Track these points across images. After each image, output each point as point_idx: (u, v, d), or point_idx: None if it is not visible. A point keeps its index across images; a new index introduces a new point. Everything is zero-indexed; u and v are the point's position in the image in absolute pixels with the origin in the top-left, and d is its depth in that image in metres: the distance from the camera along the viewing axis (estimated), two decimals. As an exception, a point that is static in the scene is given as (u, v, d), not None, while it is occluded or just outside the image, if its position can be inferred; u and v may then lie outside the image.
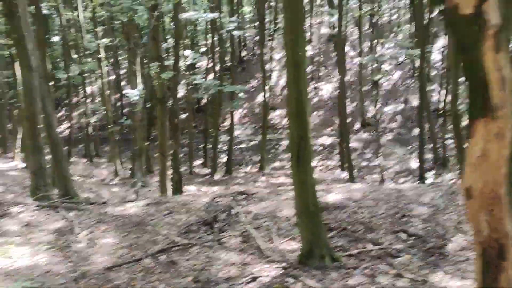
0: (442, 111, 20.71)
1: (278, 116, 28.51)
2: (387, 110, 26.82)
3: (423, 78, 15.31)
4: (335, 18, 20.68)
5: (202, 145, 23.49)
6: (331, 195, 6.41)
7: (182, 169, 19.91)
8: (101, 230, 5.51)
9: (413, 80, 28.54)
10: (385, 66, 29.12)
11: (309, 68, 30.43)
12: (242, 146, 25.41)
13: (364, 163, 21.67)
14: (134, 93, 8.58)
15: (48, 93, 7.78)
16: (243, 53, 32.99)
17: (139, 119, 8.52)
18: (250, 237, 5.24)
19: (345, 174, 18.84)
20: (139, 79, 13.48)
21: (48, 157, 7.21)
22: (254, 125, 28.77)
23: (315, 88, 29.26)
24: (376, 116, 18.15)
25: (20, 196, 9.85)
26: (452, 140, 20.70)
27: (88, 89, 29.08)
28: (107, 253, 4.84)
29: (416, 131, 25.53)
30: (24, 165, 13.88)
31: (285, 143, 25.96)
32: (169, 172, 18.36)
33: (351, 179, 15.03)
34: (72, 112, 30.92)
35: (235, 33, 14.52)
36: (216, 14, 15.72)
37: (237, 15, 21.36)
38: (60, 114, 28.06)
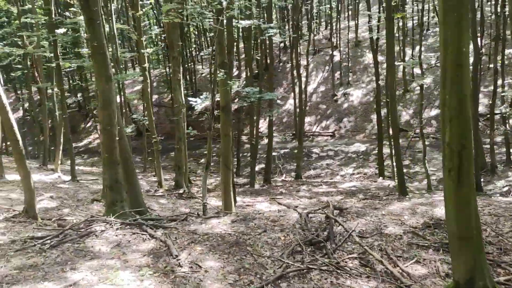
0: (487, 116, 19.80)
1: (307, 123, 27.97)
2: (422, 115, 25.98)
3: (477, 81, 14.58)
4: (374, 22, 20.11)
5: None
6: (438, 210, 5.78)
7: (218, 179, 19.52)
8: (197, 251, 5.00)
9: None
10: (417, 70, 28.38)
11: (337, 74, 29.88)
12: (273, 154, 24.87)
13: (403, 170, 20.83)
14: (198, 101, 8.15)
15: (117, 105, 7.40)
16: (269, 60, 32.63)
17: (209, 128, 8.03)
18: (370, 259, 4.67)
19: (387, 182, 18.10)
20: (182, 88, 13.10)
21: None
22: (283, 133, 28.27)
23: (344, 94, 28.66)
24: (420, 121, 17.36)
25: (76, 210, 9.50)
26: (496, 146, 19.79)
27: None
28: (217, 279, 4.32)
29: (454, 136, 24.66)
30: (68, 178, 13.61)
31: (316, 150, 25.35)
32: (210, 181, 17.85)
33: (402, 191, 14.14)
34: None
35: (275, 39, 14.10)
36: (255, 21, 15.38)
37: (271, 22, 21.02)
38: (89, 125, 28.10)
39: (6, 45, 16.77)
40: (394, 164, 18.70)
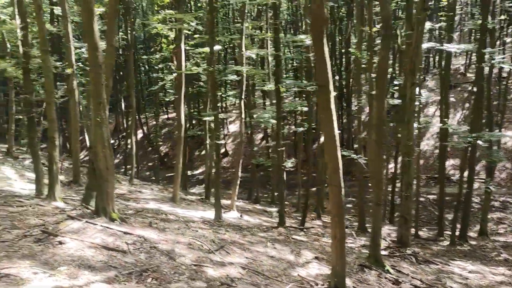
0: None
1: (451, 167, 24.08)
2: None
3: None
4: None
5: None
6: None
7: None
8: None
9: None
10: None
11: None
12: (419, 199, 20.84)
13: None
14: None
15: None
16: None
17: None
18: None
19: None
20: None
21: None
22: (420, 174, 24.30)
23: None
24: None
25: (358, 283, 6.57)
26: None
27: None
28: None
29: None
30: (248, 218, 11.02)
31: (476, 200, 21.05)
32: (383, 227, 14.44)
33: None
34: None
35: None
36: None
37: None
38: (203, 152, 26.44)
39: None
40: None
